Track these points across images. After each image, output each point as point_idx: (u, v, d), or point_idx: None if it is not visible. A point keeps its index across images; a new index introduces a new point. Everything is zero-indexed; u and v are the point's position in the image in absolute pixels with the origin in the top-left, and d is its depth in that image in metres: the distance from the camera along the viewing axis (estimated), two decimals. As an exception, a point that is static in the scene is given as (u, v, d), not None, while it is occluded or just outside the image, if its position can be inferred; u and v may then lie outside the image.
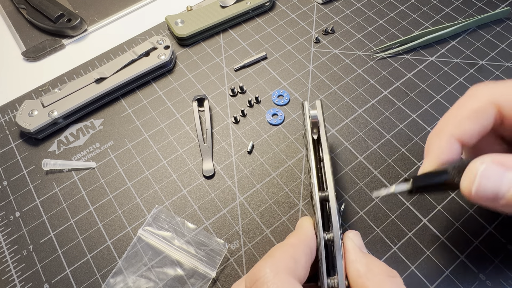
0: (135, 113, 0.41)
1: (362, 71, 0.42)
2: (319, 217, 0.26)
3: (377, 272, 0.23)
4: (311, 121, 0.31)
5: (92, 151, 0.39)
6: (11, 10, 0.53)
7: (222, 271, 0.31)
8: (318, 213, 0.26)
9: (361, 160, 0.36)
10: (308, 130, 0.31)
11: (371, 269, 0.23)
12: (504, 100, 0.24)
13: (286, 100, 0.41)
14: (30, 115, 0.39)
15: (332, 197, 0.26)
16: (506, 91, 0.24)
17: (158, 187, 0.36)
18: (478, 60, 0.42)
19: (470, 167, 0.22)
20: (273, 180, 0.36)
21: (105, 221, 0.34)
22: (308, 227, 0.26)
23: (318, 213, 0.26)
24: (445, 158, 0.25)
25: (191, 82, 0.43)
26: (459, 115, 0.25)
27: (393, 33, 0.45)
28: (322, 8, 0.49)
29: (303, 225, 0.27)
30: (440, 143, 0.25)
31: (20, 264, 0.33)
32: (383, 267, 0.24)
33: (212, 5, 0.47)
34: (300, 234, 0.26)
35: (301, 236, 0.26)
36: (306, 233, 0.26)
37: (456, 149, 0.25)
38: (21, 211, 0.35)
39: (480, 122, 0.25)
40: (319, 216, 0.26)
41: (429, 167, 0.26)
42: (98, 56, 0.46)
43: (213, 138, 0.39)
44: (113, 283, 0.31)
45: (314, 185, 0.27)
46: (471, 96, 0.26)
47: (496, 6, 0.46)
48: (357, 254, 0.24)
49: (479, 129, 0.25)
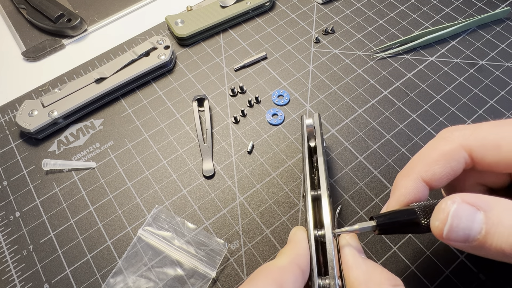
0: (135, 113, 0.41)
1: (362, 71, 0.42)
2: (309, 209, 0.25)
3: (379, 281, 0.22)
4: (307, 130, 0.31)
5: (92, 151, 0.39)
6: (11, 10, 0.53)
7: (222, 271, 0.31)
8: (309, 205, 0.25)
9: (361, 160, 0.36)
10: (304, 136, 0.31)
11: (372, 277, 0.22)
12: (475, 144, 0.23)
13: (286, 100, 0.41)
14: (30, 115, 0.39)
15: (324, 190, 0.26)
16: (477, 135, 0.24)
17: (158, 187, 0.36)
18: (478, 60, 0.42)
19: (441, 207, 0.21)
20: (273, 180, 0.36)
21: (105, 221, 0.34)
22: (301, 242, 0.24)
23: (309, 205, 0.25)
24: (411, 199, 0.24)
25: (191, 82, 0.43)
26: (429, 157, 0.25)
27: (393, 33, 0.45)
28: (322, 8, 0.49)
29: (296, 240, 0.25)
30: (407, 183, 0.25)
31: (20, 264, 0.33)
32: (385, 274, 0.22)
33: (212, 5, 0.47)
34: (291, 253, 0.24)
35: (292, 255, 0.24)
36: (298, 251, 0.24)
37: (423, 191, 0.24)
38: (21, 211, 0.36)
39: (449, 165, 0.24)
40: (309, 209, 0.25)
41: (394, 205, 0.25)
42: (98, 56, 0.46)
43: (213, 138, 0.39)
44: (113, 283, 0.31)
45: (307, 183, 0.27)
46: (442, 139, 0.25)
47: (496, 6, 0.46)
48: (355, 260, 0.23)
49: (448, 172, 0.24)
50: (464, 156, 0.24)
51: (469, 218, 0.20)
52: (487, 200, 0.20)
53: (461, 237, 0.20)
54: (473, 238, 0.20)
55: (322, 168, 0.28)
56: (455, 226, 0.20)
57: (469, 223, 0.20)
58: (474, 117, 0.38)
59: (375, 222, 0.24)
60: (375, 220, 0.24)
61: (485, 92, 0.40)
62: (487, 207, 0.20)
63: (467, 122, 0.38)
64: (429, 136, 0.37)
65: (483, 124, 0.24)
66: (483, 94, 0.40)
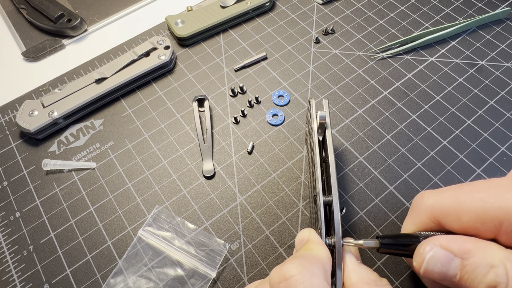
0: (135, 113, 0.41)
1: (362, 72, 0.42)
2: (322, 222, 0.26)
3: (366, 281, 0.24)
4: (319, 122, 0.30)
5: (92, 151, 0.39)
6: (11, 10, 0.53)
7: (222, 272, 0.31)
8: (322, 219, 0.26)
9: (361, 161, 0.36)
10: (314, 131, 0.30)
11: (361, 278, 0.24)
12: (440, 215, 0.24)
13: (286, 101, 0.41)
14: (30, 115, 0.39)
15: (336, 202, 0.26)
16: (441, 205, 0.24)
17: (158, 188, 0.36)
18: (478, 60, 0.42)
19: (419, 251, 0.23)
20: (273, 181, 0.36)
21: (105, 221, 0.34)
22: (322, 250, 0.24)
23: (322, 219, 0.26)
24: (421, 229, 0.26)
25: (191, 82, 0.43)
26: (404, 228, 0.27)
27: (393, 33, 0.45)
28: (322, 8, 0.49)
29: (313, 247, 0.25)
30: None
31: (21, 264, 0.33)
32: (373, 277, 0.25)
33: (212, 5, 0.47)
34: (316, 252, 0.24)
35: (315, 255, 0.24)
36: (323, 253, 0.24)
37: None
38: (21, 211, 0.36)
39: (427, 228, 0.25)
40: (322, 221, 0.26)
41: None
42: (98, 56, 0.46)
43: (213, 139, 0.39)
44: (113, 283, 0.31)
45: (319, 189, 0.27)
46: (413, 210, 0.26)
47: (496, 7, 0.46)
48: (353, 265, 0.25)
49: (432, 228, 0.25)
50: (434, 225, 0.25)
51: (445, 263, 0.22)
52: (465, 246, 0.22)
53: (438, 278, 0.22)
54: (449, 280, 0.22)
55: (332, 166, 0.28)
56: (430, 270, 0.22)
57: (444, 269, 0.22)
58: (474, 117, 0.38)
59: (379, 242, 0.25)
60: (379, 240, 0.25)
61: (485, 92, 0.40)
62: (464, 254, 0.21)
63: (467, 123, 0.38)
64: (429, 136, 0.37)
65: (446, 190, 0.25)
66: (483, 95, 0.40)
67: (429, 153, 0.36)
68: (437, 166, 0.35)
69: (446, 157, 0.36)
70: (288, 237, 0.33)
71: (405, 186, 0.35)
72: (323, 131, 0.31)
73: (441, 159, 0.36)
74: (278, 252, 0.32)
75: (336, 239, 0.25)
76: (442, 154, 0.36)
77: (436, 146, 0.37)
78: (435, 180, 0.35)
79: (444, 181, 0.34)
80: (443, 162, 0.36)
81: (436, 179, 0.35)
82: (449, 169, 0.35)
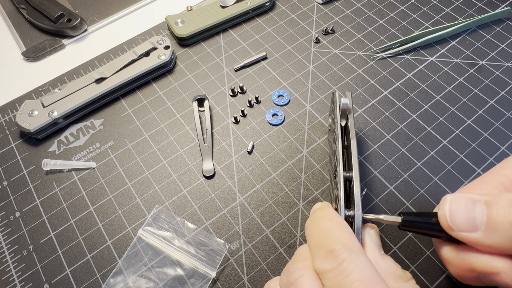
0: (135, 113, 0.41)
1: (362, 71, 0.42)
2: (341, 192, 0.26)
3: (391, 275, 0.23)
4: (341, 109, 0.32)
5: (92, 151, 0.39)
6: (11, 10, 0.53)
7: (222, 271, 0.31)
8: (341, 188, 0.26)
9: (361, 161, 0.36)
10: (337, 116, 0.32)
11: (386, 271, 0.24)
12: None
13: (286, 100, 0.41)
14: (30, 115, 0.39)
15: (356, 175, 0.27)
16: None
17: (158, 187, 0.36)
18: (478, 60, 0.42)
19: (441, 203, 0.23)
20: (273, 180, 0.36)
21: (105, 221, 0.34)
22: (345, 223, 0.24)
23: (341, 188, 0.26)
24: None
25: (191, 82, 0.43)
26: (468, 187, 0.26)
27: (393, 33, 0.45)
28: (322, 8, 0.49)
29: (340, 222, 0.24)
30: None
31: (20, 264, 0.33)
32: (399, 271, 0.24)
33: (212, 5, 0.47)
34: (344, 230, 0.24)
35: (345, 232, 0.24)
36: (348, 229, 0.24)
37: None
38: (21, 211, 0.35)
39: None
40: (342, 191, 0.26)
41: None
42: (98, 56, 0.46)
43: (213, 138, 0.39)
44: (113, 283, 0.31)
45: (340, 165, 0.28)
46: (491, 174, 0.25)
47: (496, 6, 0.46)
48: (374, 254, 0.25)
49: None
50: None
51: (469, 205, 0.22)
52: (487, 195, 0.22)
53: (465, 224, 0.22)
54: (480, 226, 0.21)
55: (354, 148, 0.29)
56: (454, 210, 0.22)
57: (470, 214, 0.22)
58: (474, 117, 0.38)
59: (401, 218, 0.25)
60: (401, 216, 0.25)
61: (485, 92, 0.40)
62: (485, 196, 0.22)
63: (467, 122, 0.38)
64: (429, 136, 0.37)
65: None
66: (483, 94, 0.40)
67: (429, 152, 0.36)
68: (437, 166, 0.35)
69: (446, 156, 0.36)
70: (288, 237, 0.33)
71: (405, 186, 0.35)
72: (345, 117, 0.32)
73: (441, 159, 0.36)
74: (278, 252, 0.32)
75: (356, 206, 0.25)
76: (442, 154, 0.36)
77: (436, 146, 0.37)
78: (435, 180, 0.35)
79: (444, 181, 0.34)
80: (443, 162, 0.36)
81: (436, 178, 0.35)
82: (449, 169, 0.35)
